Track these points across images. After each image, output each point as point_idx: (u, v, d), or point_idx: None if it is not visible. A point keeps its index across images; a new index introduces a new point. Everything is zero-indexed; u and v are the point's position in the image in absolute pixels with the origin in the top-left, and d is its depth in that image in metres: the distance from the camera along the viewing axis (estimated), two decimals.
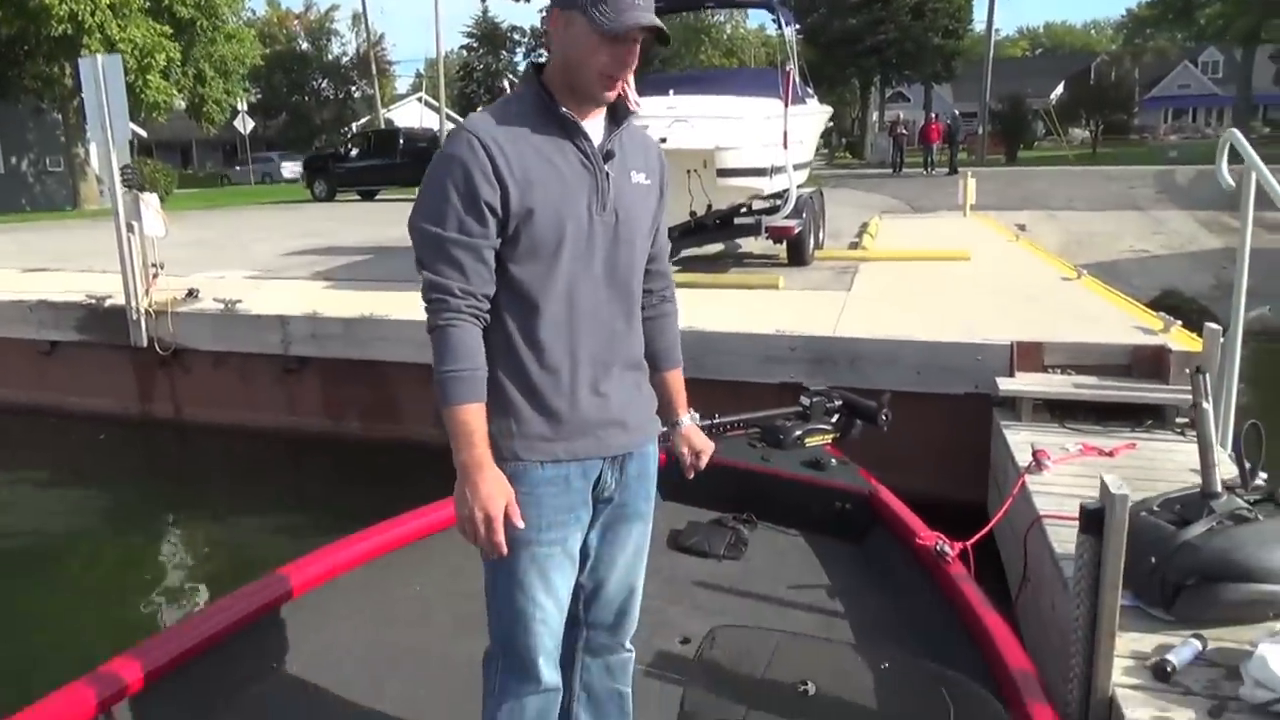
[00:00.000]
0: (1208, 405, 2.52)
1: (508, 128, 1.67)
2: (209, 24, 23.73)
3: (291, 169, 38.14)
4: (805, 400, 3.98)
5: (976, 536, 2.98)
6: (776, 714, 1.49)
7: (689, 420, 2.04)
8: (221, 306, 6.81)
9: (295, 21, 49.42)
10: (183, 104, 25.34)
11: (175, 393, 7.11)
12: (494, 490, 1.63)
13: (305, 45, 49.14)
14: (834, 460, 3.68)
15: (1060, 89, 50.54)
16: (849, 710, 1.50)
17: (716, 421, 3.87)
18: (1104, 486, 2.15)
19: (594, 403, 1.75)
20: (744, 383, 5.30)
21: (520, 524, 1.66)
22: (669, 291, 2.01)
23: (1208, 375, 2.50)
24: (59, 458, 7.12)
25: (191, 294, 7.15)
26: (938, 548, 2.82)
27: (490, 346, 1.70)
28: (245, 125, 35.62)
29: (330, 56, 49.45)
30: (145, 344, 6.90)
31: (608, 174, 1.73)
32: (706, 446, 2.04)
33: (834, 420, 3.99)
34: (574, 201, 1.69)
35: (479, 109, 1.82)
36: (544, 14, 1.76)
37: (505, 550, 1.65)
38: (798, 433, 3.85)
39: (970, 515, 4.32)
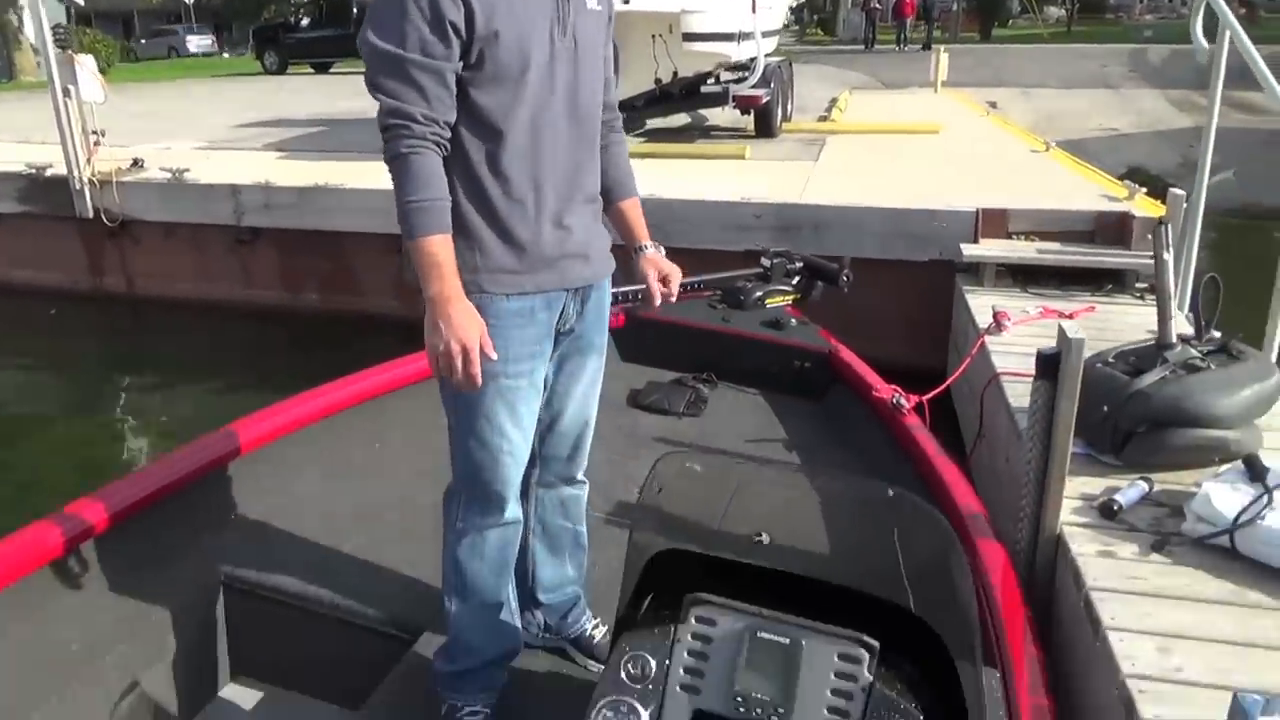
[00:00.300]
0: (1168, 257, 2.52)
1: None
2: None
3: (199, 43, 36.24)
4: (766, 261, 3.94)
5: (934, 391, 3.01)
6: (729, 529, 1.49)
7: (653, 248, 1.99)
8: (169, 176, 6.56)
9: None
10: None
11: (126, 265, 6.92)
12: (467, 321, 1.58)
13: None
14: (794, 320, 3.68)
15: None
16: (803, 525, 1.50)
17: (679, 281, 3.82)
18: (1061, 332, 2.15)
19: (557, 234, 1.72)
20: (708, 250, 5.23)
21: (494, 355, 1.62)
22: (617, 123, 1.96)
23: (1168, 228, 2.48)
24: (9, 331, 6.95)
25: (137, 163, 6.87)
26: (894, 400, 2.85)
27: (453, 178, 1.63)
28: None
29: None
30: (91, 215, 6.66)
31: None
32: (674, 271, 1.98)
33: (795, 281, 3.97)
34: (538, 25, 1.62)
35: None
36: None
37: (480, 382, 1.60)
38: (758, 294, 3.82)
39: (931, 379, 4.38)
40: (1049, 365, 2.17)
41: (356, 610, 2.17)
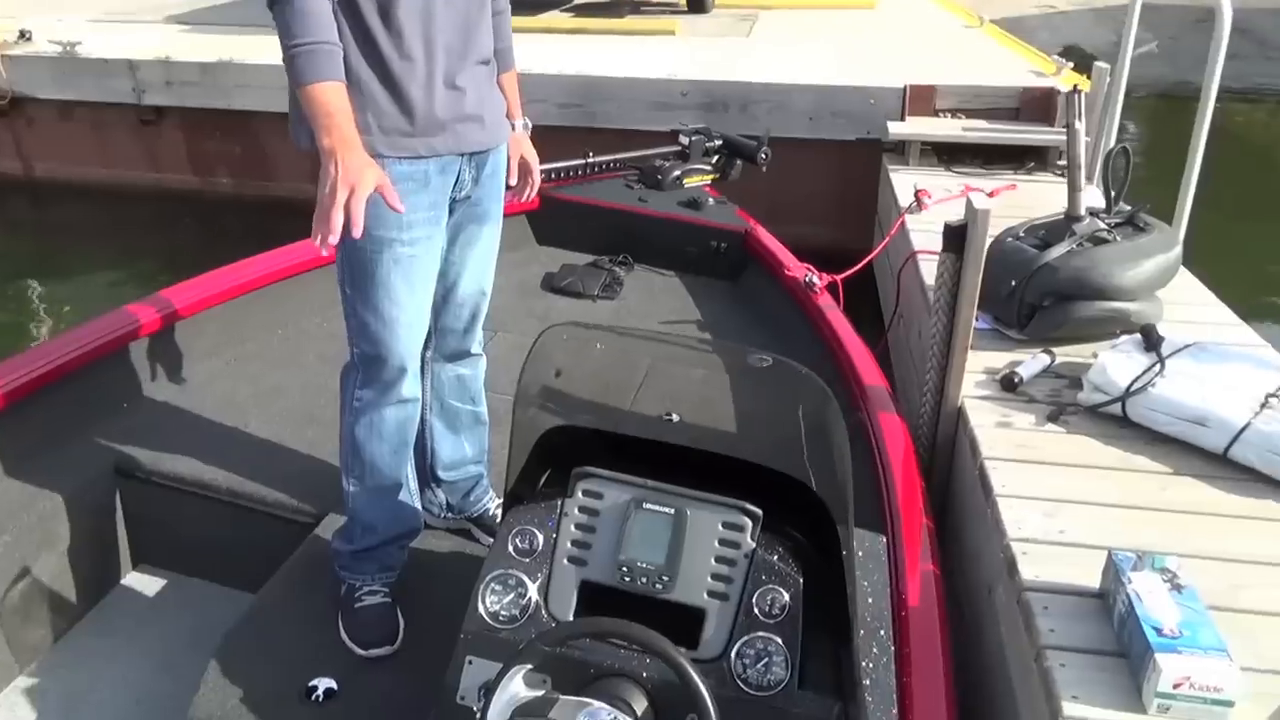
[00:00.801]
0: (1080, 125, 2.50)
1: None
2: None
3: None
4: (684, 139, 3.86)
5: (848, 272, 3.00)
6: (604, 408, 1.48)
7: (522, 127, 1.97)
8: (60, 49, 6.11)
9: None
10: None
11: (21, 147, 6.49)
12: (364, 166, 1.47)
13: None
14: (712, 200, 3.63)
15: None
16: (694, 395, 1.49)
17: (592, 161, 3.75)
18: (968, 204, 2.13)
19: (450, 96, 1.65)
20: (634, 130, 5.09)
21: (400, 207, 1.54)
22: None
23: (1082, 95, 2.45)
24: None
25: (24, 35, 6.37)
26: (806, 280, 2.85)
27: (344, 34, 1.54)
28: None
29: None
30: None
31: None
32: (535, 159, 1.99)
33: (714, 160, 3.90)
34: None
35: None
36: None
37: (359, 230, 1.48)
38: (676, 173, 3.75)
39: (857, 260, 4.40)
40: (955, 237, 2.17)
41: (257, 495, 2.13)
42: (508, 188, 1.94)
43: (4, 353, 4.75)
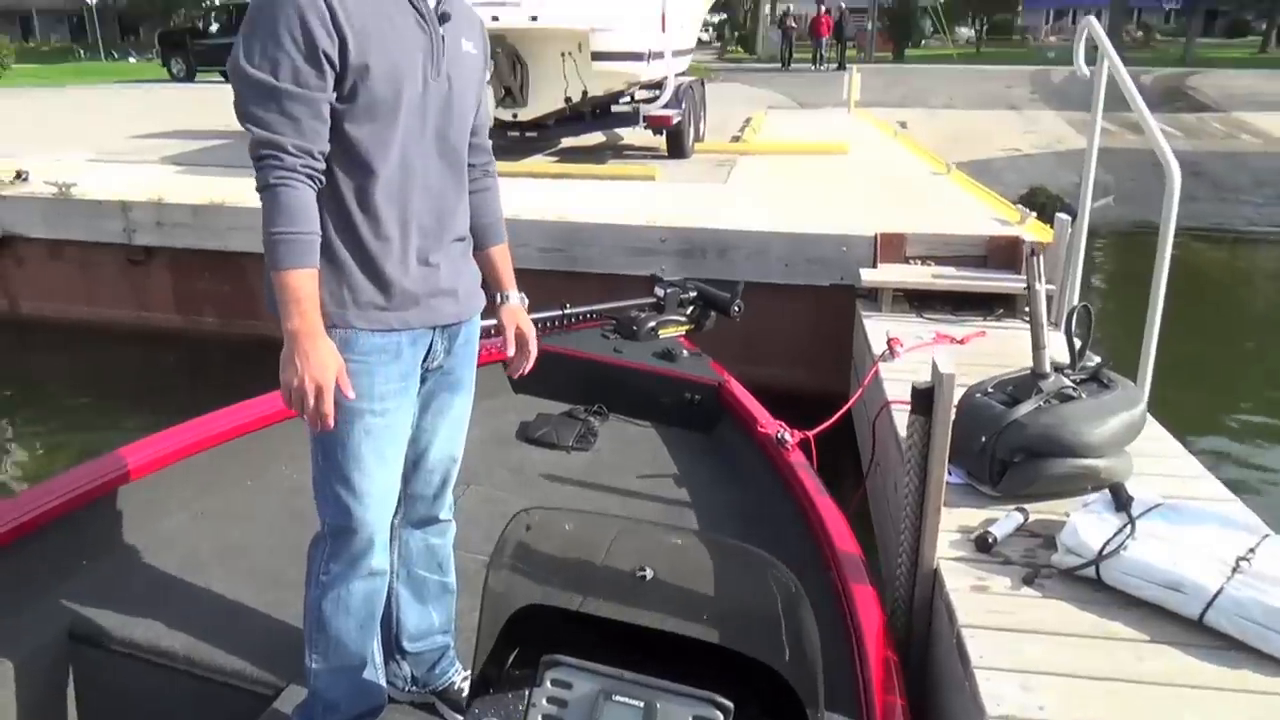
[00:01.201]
0: (1040, 287, 2.58)
1: None
2: None
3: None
4: (660, 291, 3.96)
5: (820, 428, 3.03)
6: (573, 589, 1.46)
7: (517, 299, 2.00)
8: (55, 190, 6.27)
9: None
10: None
11: (8, 284, 6.57)
12: (325, 358, 1.55)
13: None
14: (686, 352, 3.69)
15: None
16: (670, 578, 1.48)
17: (569, 311, 3.82)
18: (934, 367, 2.17)
19: (424, 272, 1.71)
20: (614, 275, 5.23)
21: (351, 394, 1.60)
22: (491, 166, 1.96)
23: (1041, 258, 2.55)
24: None
25: (20, 176, 6.57)
26: (778, 436, 2.87)
27: (323, 212, 1.60)
28: None
29: None
30: None
31: (443, 37, 1.66)
32: (530, 329, 2.00)
33: (689, 311, 3.99)
34: (410, 62, 1.61)
35: None
36: None
37: (332, 423, 1.58)
38: (651, 324, 3.83)
39: (834, 405, 4.43)
40: (923, 399, 2.20)
41: (216, 664, 2.07)
42: (507, 366, 1.98)
43: None
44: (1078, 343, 2.77)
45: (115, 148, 8.85)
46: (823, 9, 29.37)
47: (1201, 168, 12.66)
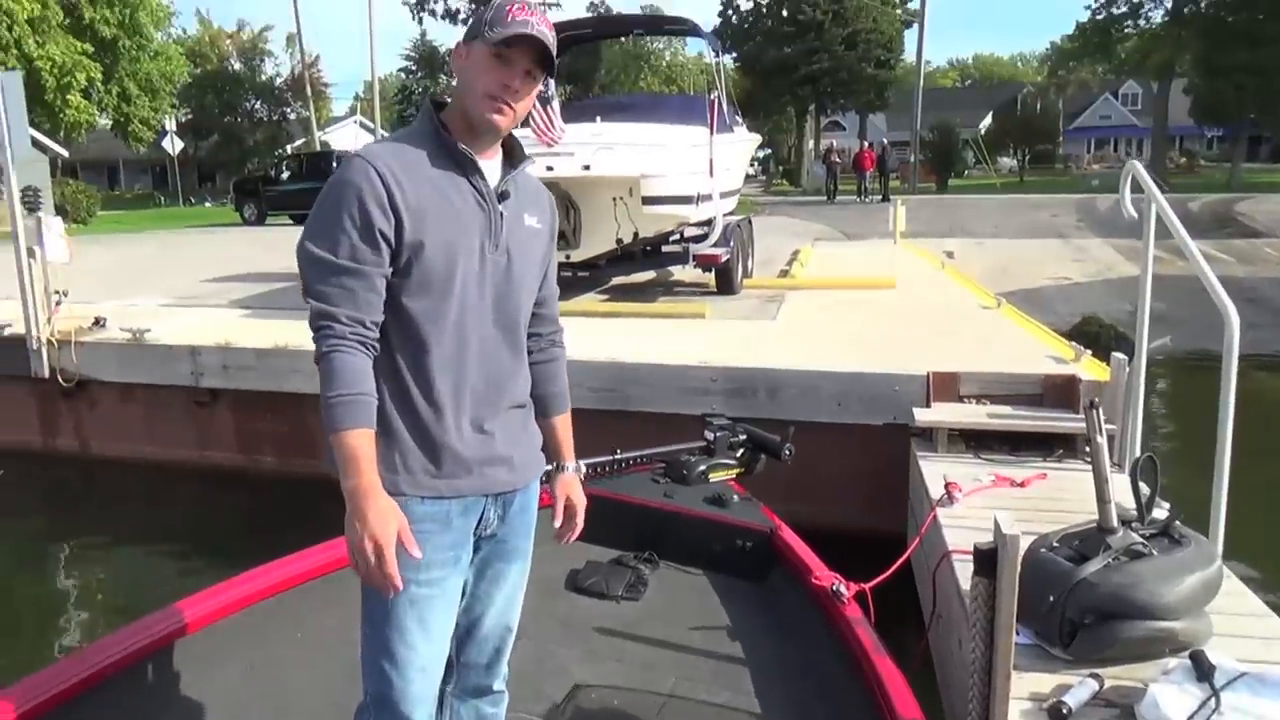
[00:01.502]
0: (1102, 440, 2.53)
1: (404, 159, 1.67)
2: (133, 42, 23.20)
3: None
4: (710, 434, 3.96)
5: (877, 580, 2.95)
6: None
7: (572, 470, 2.01)
8: (129, 336, 6.55)
9: (227, 41, 48.45)
10: (108, 123, 24.71)
11: (80, 426, 6.81)
12: (386, 516, 1.57)
13: (238, 66, 48.13)
14: (737, 496, 3.66)
15: (989, 119, 52.01)
16: None
17: (620, 457, 3.83)
18: (997, 526, 2.13)
19: (478, 440, 1.73)
20: (665, 414, 5.25)
21: (417, 553, 1.60)
22: (558, 336, 2.00)
23: (1100, 411, 2.51)
24: None
25: (98, 322, 6.89)
26: (834, 589, 2.80)
27: (378, 378, 1.66)
28: (174, 146, 34.81)
29: (264, 77, 48.48)
30: (47, 375, 6.61)
31: (501, 213, 1.73)
32: (581, 502, 1.99)
33: (738, 455, 3.98)
34: (467, 237, 1.69)
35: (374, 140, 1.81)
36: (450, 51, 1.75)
37: (399, 583, 1.58)
38: (701, 468, 3.82)
39: (890, 546, 4.33)
40: (986, 561, 2.14)
41: None
42: (555, 533, 1.97)
43: (44, 633, 4.79)
44: (1145, 493, 2.69)
45: (188, 291, 9.28)
46: (865, 143, 30.22)
47: (1258, 294, 12.49)
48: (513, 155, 1.79)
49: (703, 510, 3.56)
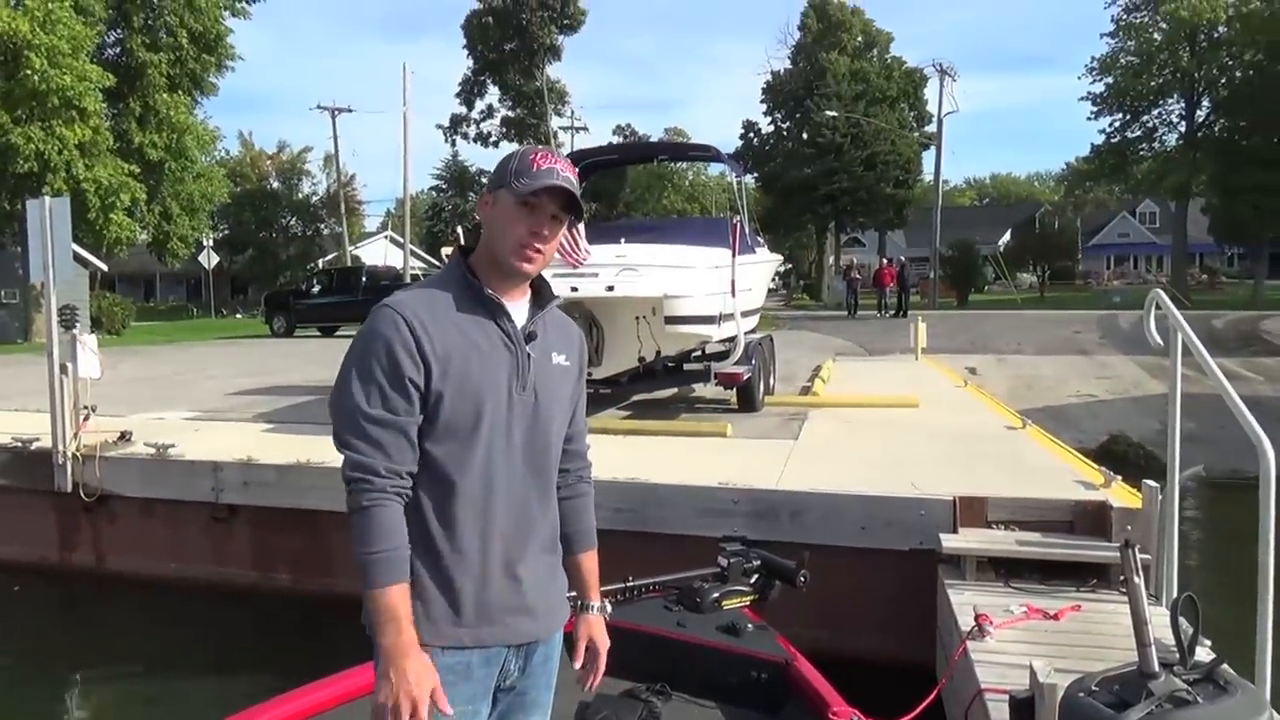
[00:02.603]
0: (1139, 580, 2.45)
1: (432, 306, 1.69)
2: (178, 164, 24.16)
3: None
4: (723, 561, 3.88)
5: (905, 718, 2.83)
6: None
7: (598, 610, 1.96)
8: (153, 451, 6.59)
9: (267, 162, 50.55)
10: (146, 239, 25.49)
11: (98, 541, 6.78)
12: (422, 674, 1.55)
13: (276, 184, 50.08)
14: (751, 625, 3.56)
15: (1008, 236, 52.81)
16: None
17: (631, 585, 3.75)
18: (1033, 675, 2.04)
19: (506, 586, 1.71)
20: (686, 536, 5.16)
21: (449, 711, 1.57)
22: (586, 473, 1.99)
23: (1136, 549, 2.43)
24: None
25: (124, 437, 6.94)
26: None
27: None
28: (210, 260, 35.89)
29: (300, 195, 50.34)
30: (69, 489, 6.63)
31: (529, 354, 1.75)
32: (605, 644, 1.94)
33: (752, 581, 3.88)
34: (494, 380, 1.70)
35: (404, 289, 1.84)
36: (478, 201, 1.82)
37: None
38: (715, 595, 3.72)
39: (918, 676, 4.17)
40: (1024, 710, 2.05)
41: None
42: (574, 667, 1.92)
43: None
44: (1187, 633, 2.58)
45: (214, 405, 9.37)
46: (885, 259, 30.64)
47: None
48: (540, 295, 1.81)
49: (716, 640, 3.46)
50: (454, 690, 1.64)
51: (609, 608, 2.00)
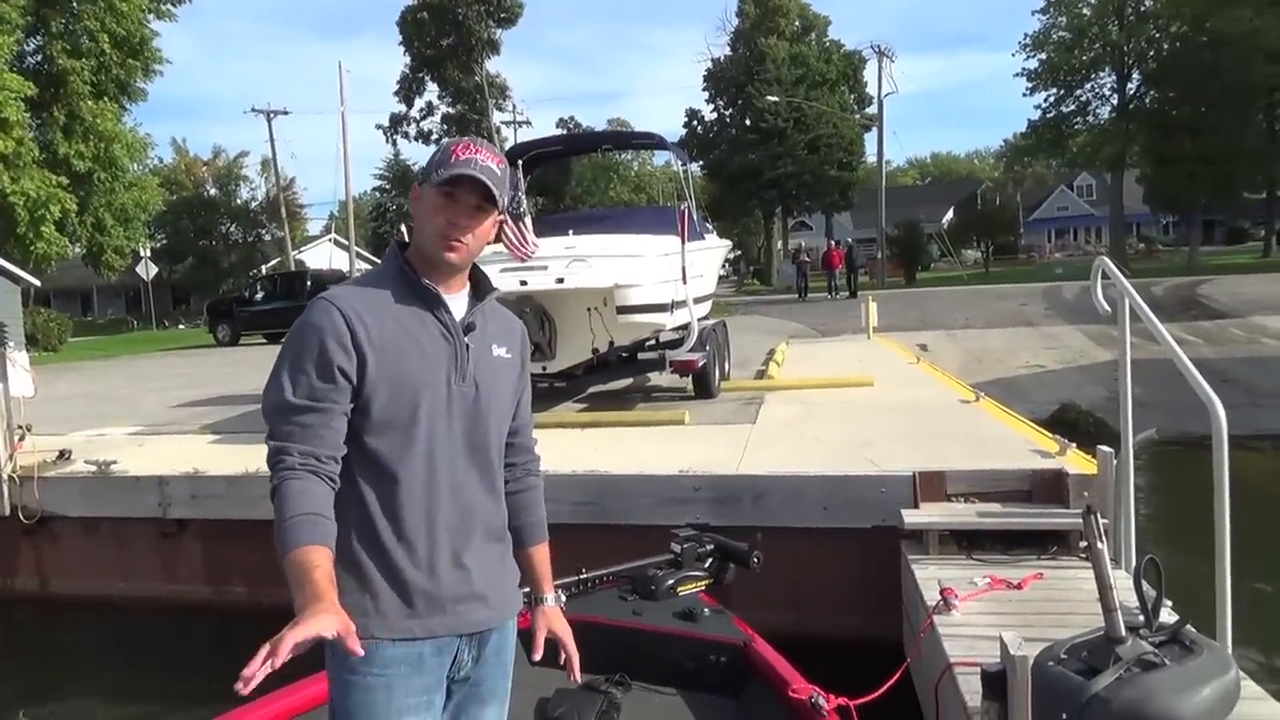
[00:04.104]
0: (1102, 546, 2.45)
1: (368, 298, 1.69)
2: (108, 174, 23.49)
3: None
4: (676, 547, 3.86)
5: (865, 698, 2.82)
6: None
7: (553, 601, 1.94)
8: (94, 468, 6.36)
9: (203, 168, 49.35)
10: (80, 251, 24.77)
11: (41, 564, 6.54)
12: (325, 621, 1.40)
13: (213, 191, 48.90)
14: (708, 609, 3.54)
15: (950, 214, 53.56)
16: None
17: (585, 577, 3.72)
18: (1004, 647, 2.02)
19: (455, 575, 1.69)
20: (648, 526, 5.10)
21: (358, 650, 1.44)
22: (534, 466, 1.98)
23: (1098, 516, 2.43)
24: None
25: (63, 455, 6.70)
26: (812, 701, 2.68)
27: (346, 519, 1.62)
28: (148, 271, 34.97)
29: (239, 201, 49.22)
30: (8, 512, 6.38)
31: (467, 345, 1.74)
32: (567, 632, 1.92)
33: (707, 565, 3.86)
34: (432, 371, 1.69)
35: (343, 282, 1.82)
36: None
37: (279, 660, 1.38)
38: (670, 582, 3.70)
39: (887, 652, 4.17)
40: (995, 684, 2.03)
41: None
42: (531, 662, 1.88)
43: None
44: (1150, 596, 2.59)
45: (158, 418, 9.11)
46: (832, 242, 30.88)
47: (1230, 374, 12.61)
48: (479, 287, 1.82)
49: (673, 626, 3.43)
50: (405, 683, 1.62)
51: (564, 598, 1.98)
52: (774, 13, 40.00)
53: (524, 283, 6.78)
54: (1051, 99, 39.19)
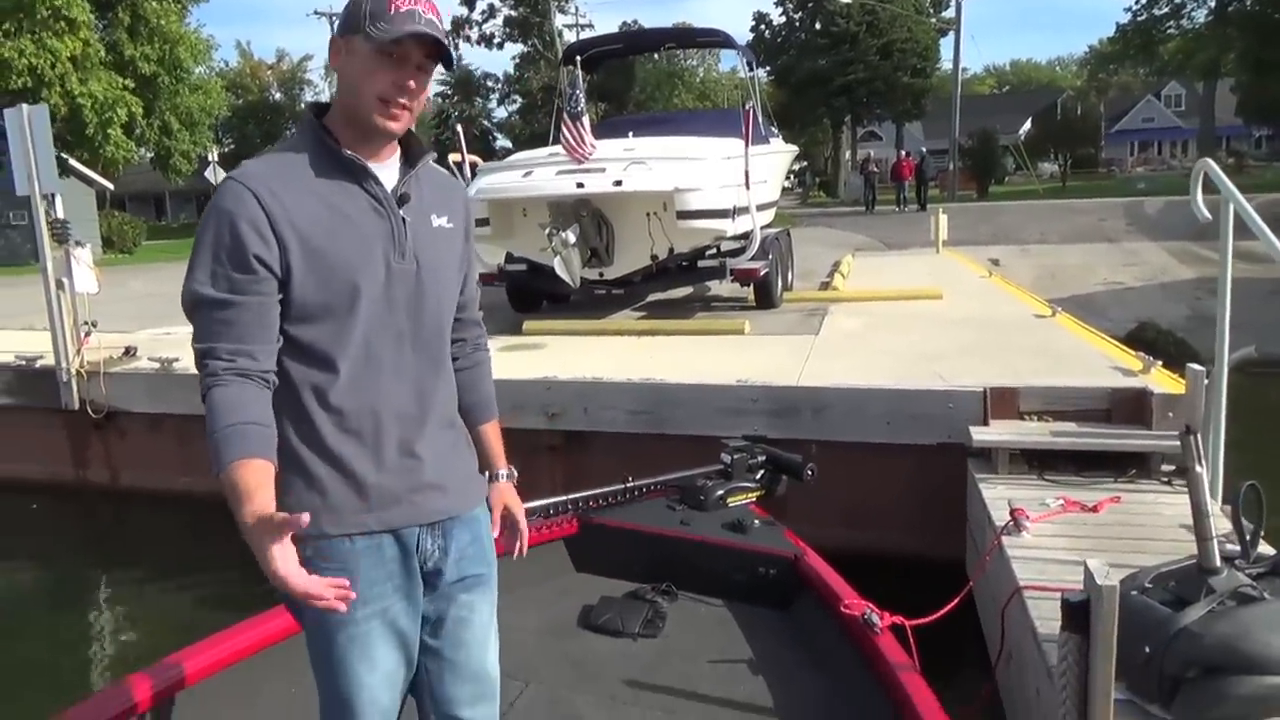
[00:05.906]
0: (1201, 469, 2.24)
1: (284, 174, 1.51)
2: (173, 77, 23.55)
3: None
4: (726, 457, 3.73)
5: (923, 620, 2.69)
6: None
7: (505, 477, 1.87)
8: (158, 366, 6.44)
9: (268, 72, 49.33)
10: (149, 156, 25.09)
11: (110, 458, 6.72)
12: (282, 553, 1.38)
13: (278, 95, 48.95)
14: (758, 521, 3.43)
15: (1028, 125, 51.19)
16: None
17: (632, 485, 3.61)
18: (1088, 574, 1.85)
19: (406, 465, 1.58)
20: (705, 437, 4.98)
21: (341, 608, 1.42)
22: (482, 340, 1.86)
23: (1198, 436, 2.22)
24: None
25: (129, 352, 6.80)
26: (865, 617, 2.55)
27: (285, 415, 1.51)
28: (216, 176, 35.29)
29: (304, 106, 49.22)
30: (76, 407, 6.53)
31: (404, 219, 1.57)
32: (519, 509, 1.86)
33: (758, 477, 3.73)
34: (367, 250, 1.53)
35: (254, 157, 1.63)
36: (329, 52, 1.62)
37: (331, 600, 1.39)
38: (719, 492, 3.58)
39: (950, 572, 4.03)
40: (1077, 615, 1.87)
41: None
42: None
43: (79, 666, 4.66)
44: (1249, 527, 2.38)
45: None
46: (903, 153, 29.81)
47: None
48: (411, 153, 1.63)
49: (722, 537, 3.33)
50: (369, 573, 1.54)
51: (515, 473, 1.88)
52: None
53: (581, 185, 6.58)
54: (1143, 1, 36.78)
